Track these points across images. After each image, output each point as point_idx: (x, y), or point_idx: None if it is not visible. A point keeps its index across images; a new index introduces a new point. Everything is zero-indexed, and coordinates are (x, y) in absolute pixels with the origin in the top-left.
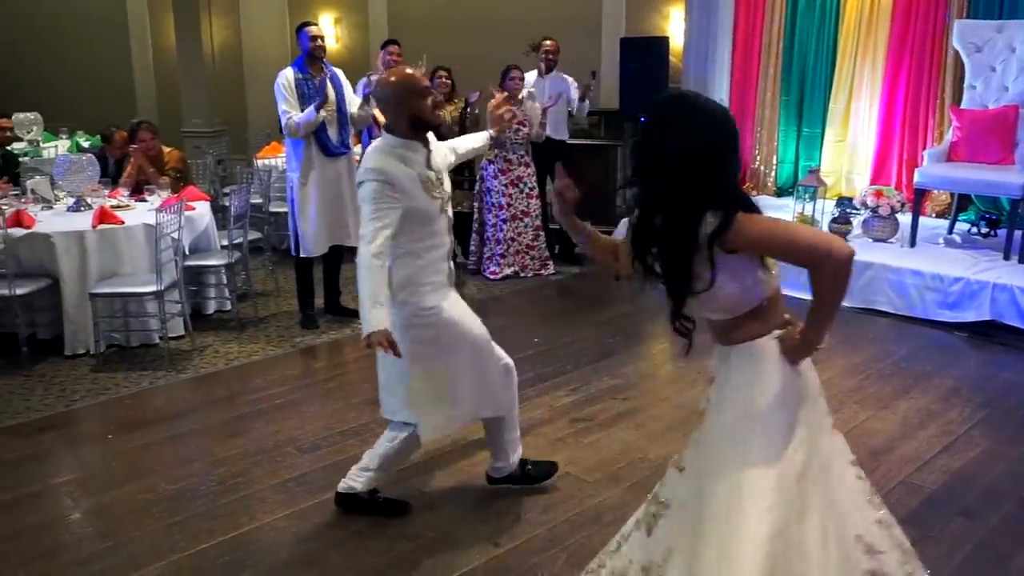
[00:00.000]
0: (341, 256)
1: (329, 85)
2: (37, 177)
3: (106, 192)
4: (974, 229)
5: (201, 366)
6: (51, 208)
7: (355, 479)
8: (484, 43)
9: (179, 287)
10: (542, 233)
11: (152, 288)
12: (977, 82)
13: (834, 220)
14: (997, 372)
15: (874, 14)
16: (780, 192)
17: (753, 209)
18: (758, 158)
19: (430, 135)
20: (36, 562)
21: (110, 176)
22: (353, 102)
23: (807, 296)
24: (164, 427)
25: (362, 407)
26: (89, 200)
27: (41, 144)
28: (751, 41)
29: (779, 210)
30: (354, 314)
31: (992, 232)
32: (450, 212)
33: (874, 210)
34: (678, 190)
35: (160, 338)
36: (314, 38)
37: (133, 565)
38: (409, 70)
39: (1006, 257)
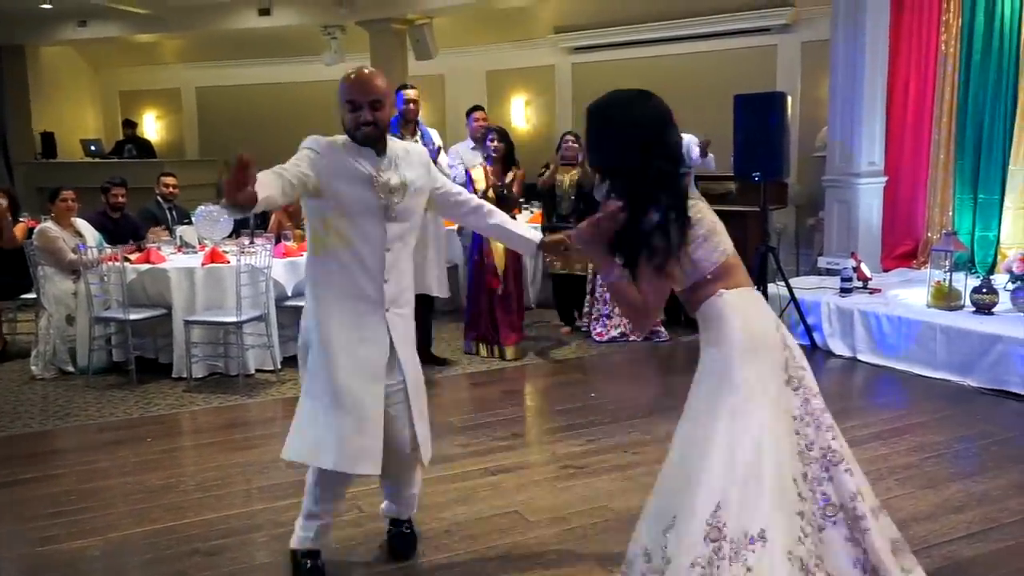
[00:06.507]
0: (431, 306)
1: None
2: (184, 226)
3: (245, 241)
4: None
5: (269, 395)
6: (195, 252)
7: None
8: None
9: (267, 322)
10: None
11: (232, 319)
12: None
13: (975, 291)
14: None
15: None
16: (957, 266)
17: None
18: (931, 228)
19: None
20: None
21: (250, 228)
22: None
23: None
24: (185, 438)
25: None
26: (223, 247)
27: None
28: (922, 100)
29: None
30: (444, 363)
31: None
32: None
33: (1021, 279)
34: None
35: (256, 369)
36: (408, 101)
37: None
38: (367, 71)
39: None
